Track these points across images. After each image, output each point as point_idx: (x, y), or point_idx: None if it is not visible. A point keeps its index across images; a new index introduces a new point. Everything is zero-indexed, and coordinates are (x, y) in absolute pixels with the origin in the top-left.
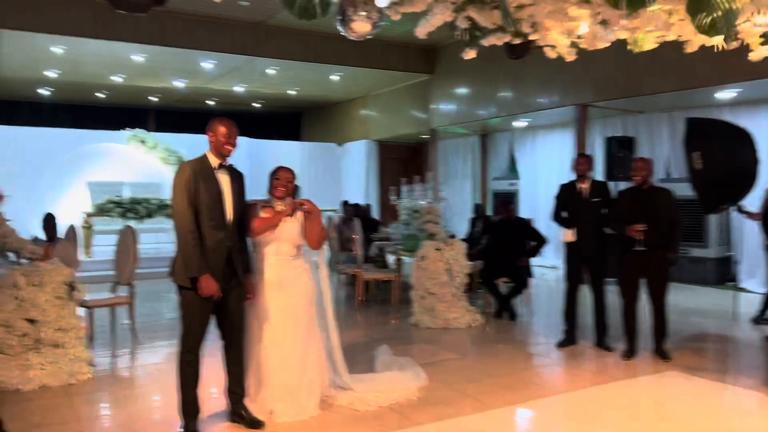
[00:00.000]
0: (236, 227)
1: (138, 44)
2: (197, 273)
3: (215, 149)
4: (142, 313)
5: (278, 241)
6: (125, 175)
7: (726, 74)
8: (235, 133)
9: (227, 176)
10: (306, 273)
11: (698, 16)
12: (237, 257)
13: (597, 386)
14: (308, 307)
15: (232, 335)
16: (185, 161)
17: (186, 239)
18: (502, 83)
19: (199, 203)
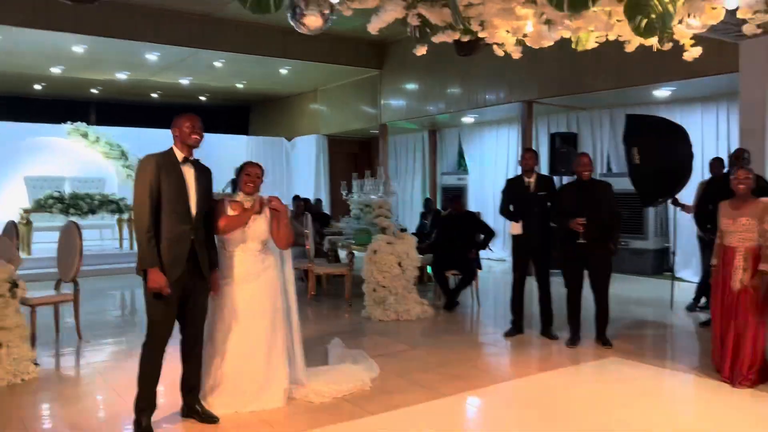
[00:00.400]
0: (201, 221)
1: (79, 35)
2: (148, 265)
3: (181, 142)
4: (87, 311)
5: (245, 238)
6: (66, 169)
7: (662, 73)
8: (199, 125)
9: (193, 170)
10: (272, 268)
11: (635, 18)
12: (201, 251)
13: (543, 373)
14: (274, 302)
15: (192, 328)
16: (150, 154)
17: (142, 232)
18: (450, 79)
19: (162, 196)
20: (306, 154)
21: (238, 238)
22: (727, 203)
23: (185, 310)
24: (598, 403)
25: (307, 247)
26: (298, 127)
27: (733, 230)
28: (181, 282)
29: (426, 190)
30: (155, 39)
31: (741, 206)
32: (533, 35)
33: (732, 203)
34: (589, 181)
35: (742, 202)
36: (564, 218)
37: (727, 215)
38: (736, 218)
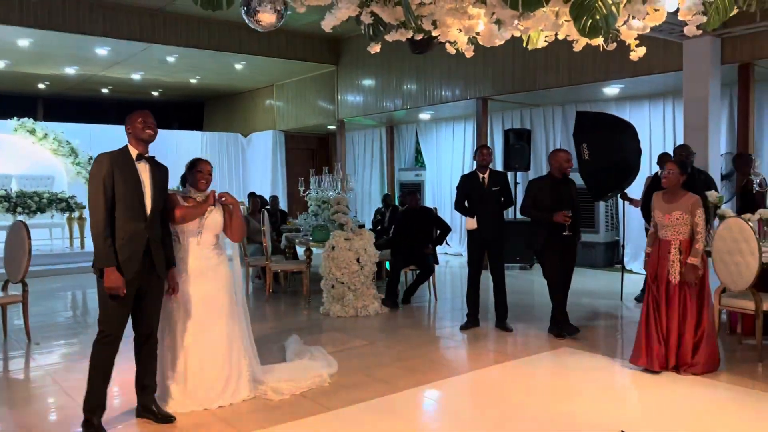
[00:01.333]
0: (157, 219)
1: (24, 28)
2: (104, 264)
3: (135, 138)
4: (37, 313)
5: (201, 230)
6: (12, 167)
7: (611, 71)
8: (152, 120)
9: (148, 167)
10: (225, 261)
11: (580, 18)
12: (156, 249)
13: (498, 365)
14: (229, 295)
15: (145, 327)
16: (103, 152)
17: (97, 230)
18: (407, 76)
19: (117, 194)
20: (262, 151)
21: (194, 231)
22: (659, 195)
23: (139, 308)
24: (552, 394)
25: (264, 245)
26: (255, 122)
27: (668, 224)
28: (136, 280)
29: (384, 186)
30: (105, 33)
31: (673, 200)
32: (485, 34)
33: (665, 196)
34: (564, 178)
35: (674, 196)
36: (544, 212)
37: (661, 209)
38: (670, 212)
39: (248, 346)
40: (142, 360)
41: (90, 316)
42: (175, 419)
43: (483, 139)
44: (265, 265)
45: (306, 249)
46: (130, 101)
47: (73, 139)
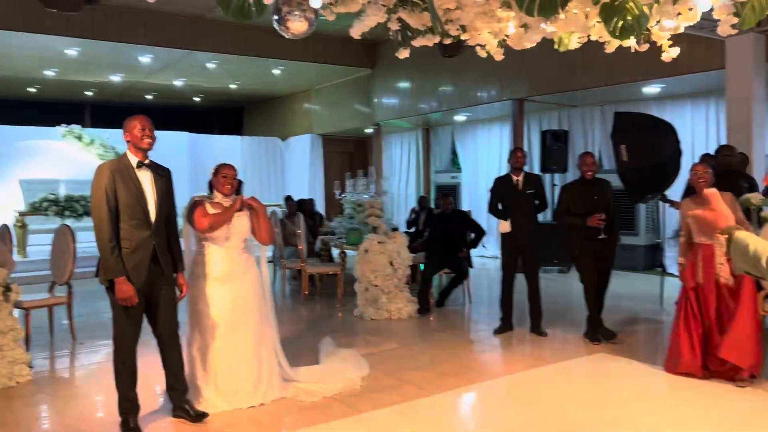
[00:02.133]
0: (163, 225)
1: (71, 38)
2: (113, 275)
3: (134, 146)
4: (81, 313)
5: (230, 236)
6: (60, 172)
7: (650, 70)
8: (150, 127)
9: (150, 173)
10: (254, 265)
11: (611, 20)
12: (164, 256)
13: (532, 369)
14: (259, 298)
15: (164, 332)
16: (103, 162)
17: (103, 242)
18: (442, 78)
19: (120, 203)
20: (300, 154)
21: (222, 237)
22: (690, 201)
23: (153, 316)
24: (587, 400)
25: (299, 247)
26: (293, 126)
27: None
28: (145, 288)
29: (420, 189)
30: (148, 41)
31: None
32: (514, 37)
33: (697, 200)
34: (595, 180)
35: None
36: (577, 216)
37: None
38: None
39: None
40: (168, 364)
41: None
42: (207, 416)
43: (519, 140)
44: (300, 268)
45: (340, 252)
46: (173, 107)
47: (118, 144)
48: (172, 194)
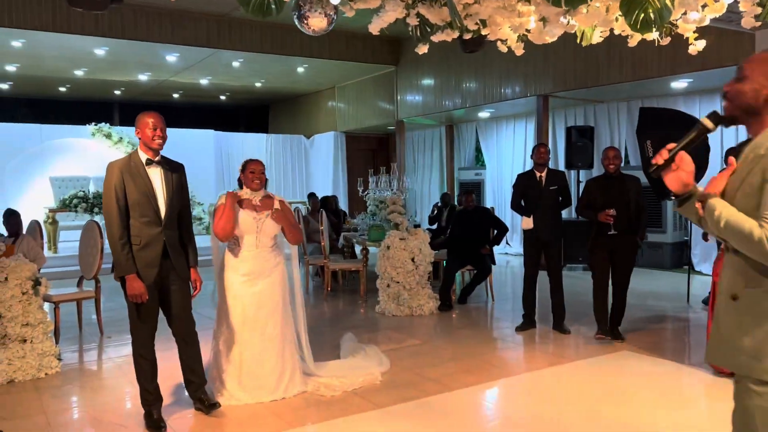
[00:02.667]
0: (174, 222)
1: (99, 38)
2: (124, 272)
3: (144, 144)
4: (108, 308)
5: (258, 234)
6: (90, 169)
7: (678, 65)
8: (162, 126)
9: (160, 170)
10: (282, 262)
11: (632, 13)
12: (175, 252)
13: (554, 367)
14: (285, 296)
15: (178, 328)
16: (113, 161)
17: (113, 240)
18: (466, 74)
19: (130, 201)
20: (324, 151)
21: (252, 235)
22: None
23: (168, 312)
24: (610, 398)
25: (322, 244)
26: (317, 124)
27: None
28: (157, 284)
29: (444, 186)
30: (174, 40)
31: None
32: (535, 32)
33: None
34: (617, 175)
35: None
36: (593, 211)
37: None
38: None
39: (303, 343)
40: (183, 358)
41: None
42: (219, 406)
43: (544, 137)
44: (323, 264)
45: (363, 248)
46: (200, 105)
47: None
48: (185, 190)
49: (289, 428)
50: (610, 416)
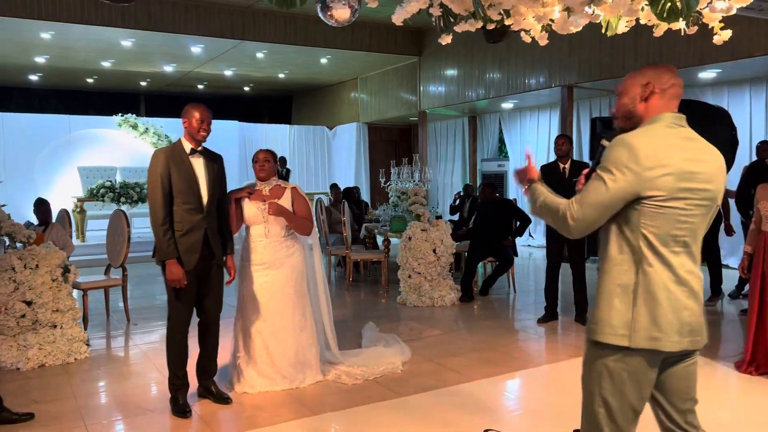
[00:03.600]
0: (214, 209)
1: (126, 29)
2: (165, 257)
3: (189, 135)
4: (135, 296)
5: (268, 224)
6: (116, 160)
7: (706, 55)
8: (209, 119)
9: (202, 160)
10: (298, 252)
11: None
12: (214, 239)
13: (575, 359)
14: (301, 285)
15: (207, 314)
16: (159, 149)
17: (156, 225)
18: (489, 65)
19: (174, 188)
20: (347, 143)
21: (260, 226)
22: (767, 186)
23: (201, 296)
24: None
25: (344, 234)
26: (339, 115)
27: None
28: (197, 270)
29: (466, 177)
30: (199, 32)
31: None
32: (559, 21)
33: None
34: None
35: None
36: None
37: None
38: None
39: (323, 333)
40: (205, 345)
41: None
42: (231, 401)
43: (568, 128)
44: (345, 254)
45: (384, 239)
46: (224, 96)
47: (171, 133)
48: (223, 179)
49: (311, 415)
50: None
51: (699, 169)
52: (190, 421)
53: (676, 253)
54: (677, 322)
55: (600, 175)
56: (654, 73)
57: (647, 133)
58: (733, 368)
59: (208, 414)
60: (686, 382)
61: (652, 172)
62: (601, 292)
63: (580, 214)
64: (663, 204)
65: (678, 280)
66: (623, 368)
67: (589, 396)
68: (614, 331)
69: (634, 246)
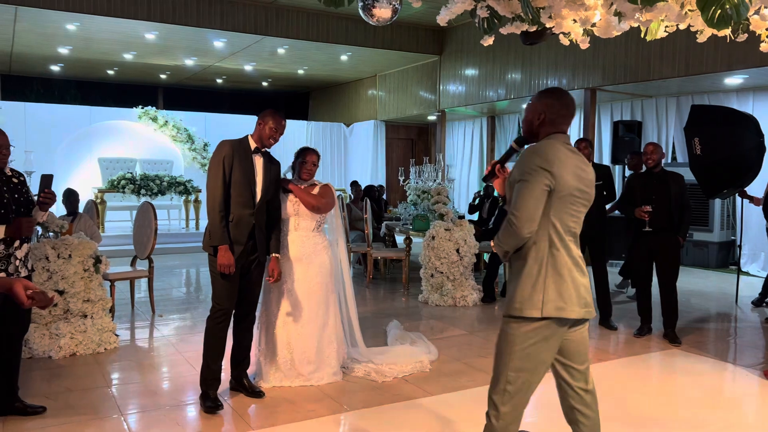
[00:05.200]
0: (264, 207)
1: (151, 22)
2: (218, 242)
3: (258, 136)
4: (159, 287)
5: (298, 217)
6: (136, 152)
7: (734, 60)
8: (283, 130)
9: (263, 160)
10: (325, 249)
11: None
12: (260, 235)
13: (601, 363)
14: (326, 282)
15: (246, 306)
16: (226, 139)
17: (213, 210)
18: (511, 65)
19: (233, 179)
20: (363, 140)
21: (291, 219)
22: None
23: (241, 288)
24: (656, 395)
25: (365, 232)
26: (357, 112)
27: None
28: (240, 261)
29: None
30: (223, 26)
31: None
32: (602, 25)
33: None
34: (660, 172)
35: None
36: (631, 207)
37: None
38: None
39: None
40: (239, 336)
41: (203, 293)
42: (264, 395)
43: (590, 130)
44: (366, 252)
45: (406, 238)
46: (242, 91)
47: (189, 126)
48: (278, 183)
49: (343, 411)
50: (656, 414)
51: (585, 176)
52: (223, 415)
53: (571, 240)
54: (576, 295)
55: (523, 179)
56: (549, 104)
57: (550, 146)
58: (758, 376)
59: (241, 407)
60: (582, 346)
61: (559, 171)
62: (518, 273)
63: (519, 211)
64: (565, 200)
65: (574, 262)
66: (536, 333)
67: (501, 358)
68: (531, 306)
69: (546, 233)
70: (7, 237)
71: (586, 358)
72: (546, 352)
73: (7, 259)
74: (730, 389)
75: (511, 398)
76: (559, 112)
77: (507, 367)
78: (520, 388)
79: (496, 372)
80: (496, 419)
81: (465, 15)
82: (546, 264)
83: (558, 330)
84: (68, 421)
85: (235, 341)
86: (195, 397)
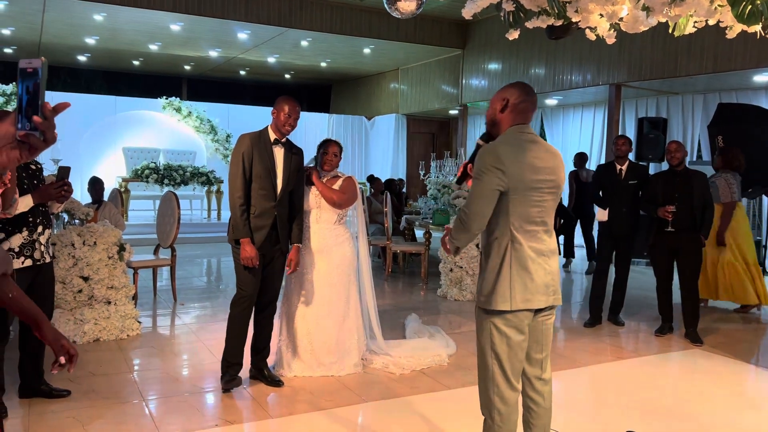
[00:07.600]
0: (286, 199)
1: (176, 13)
2: (241, 236)
3: (275, 126)
4: (181, 276)
5: (319, 209)
6: (160, 142)
7: (763, 58)
8: (296, 116)
9: (283, 151)
10: (347, 241)
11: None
12: (282, 226)
13: (619, 361)
14: (347, 274)
15: (268, 295)
16: (246, 133)
17: (234, 204)
18: (535, 60)
19: (254, 172)
20: (384, 133)
21: (313, 211)
22: None
23: (263, 277)
24: (675, 394)
25: (385, 225)
26: (378, 106)
27: None
28: (263, 251)
29: None
30: (247, 18)
31: None
32: (629, 20)
33: None
34: (683, 170)
35: None
36: (654, 206)
37: None
38: None
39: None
40: (260, 325)
41: (223, 283)
42: (283, 384)
43: (614, 127)
44: (385, 245)
45: (425, 232)
46: (264, 83)
47: (213, 117)
48: (301, 172)
49: (361, 402)
50: (679, 413)
51: (544, 164)
52: (243, 402)
53: (536, 231)
54: (542, 285)
55: (476, 177)
56: (512, 91)
57: (506, 141)
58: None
59: (260, 395)
60: (543, 335)
61: (512, 169)
62: (485, 269)
63: (469, 208)
64: (524, 194)
65: (539, 251)
66: (507, 325)
67: (482, 352)
68: (501, 299)
69: (507, 229)
70: (36, 203)
71: (545, 348)
72: (518, 342)
73: (32, 245)
74: (755, 390)
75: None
76: (521, 98)
77: (487, 356)
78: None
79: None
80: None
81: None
82: (510, 258)
83: (528, 316)
84: (91, 405)
85: (256, 330)
86: (215, 384)
